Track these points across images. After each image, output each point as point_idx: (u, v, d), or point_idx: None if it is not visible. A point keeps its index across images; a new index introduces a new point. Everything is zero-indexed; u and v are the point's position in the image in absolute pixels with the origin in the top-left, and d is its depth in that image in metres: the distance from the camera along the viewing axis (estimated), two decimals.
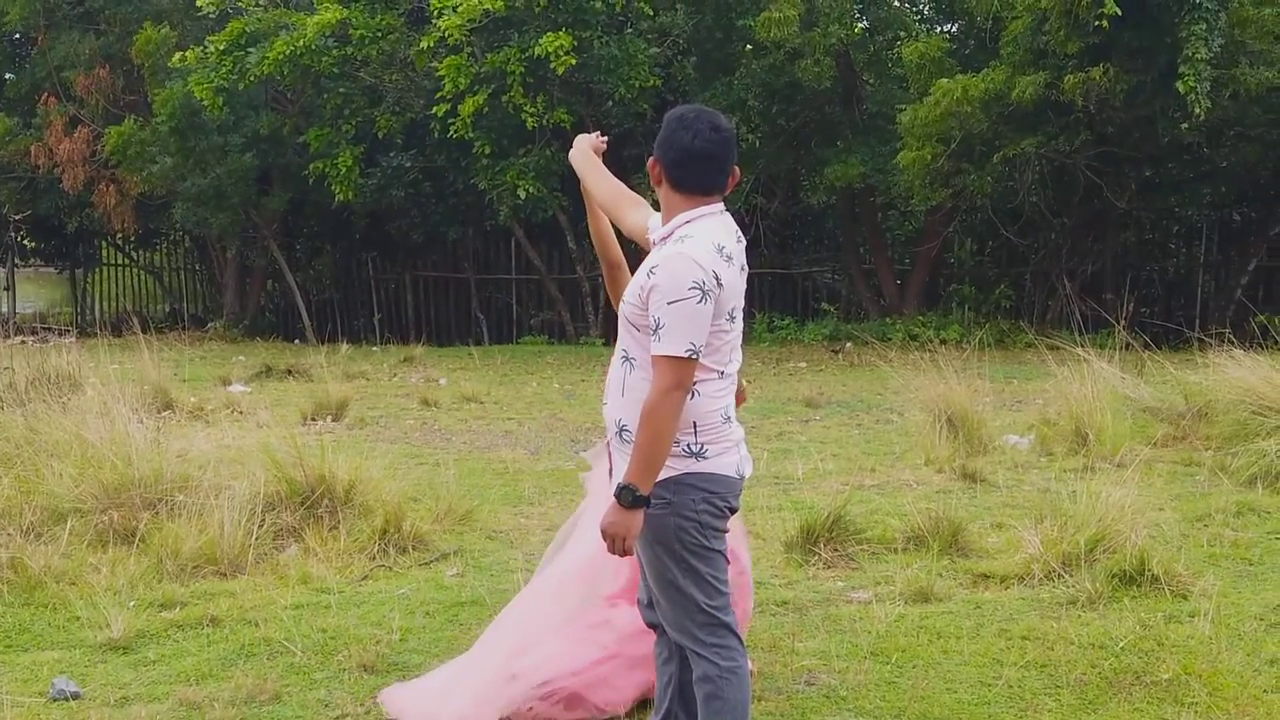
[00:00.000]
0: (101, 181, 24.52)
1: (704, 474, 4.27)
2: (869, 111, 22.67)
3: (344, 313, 27.61)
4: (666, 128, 4.32)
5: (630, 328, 4.30)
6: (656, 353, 4.11)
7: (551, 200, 21.55)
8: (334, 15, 20.59)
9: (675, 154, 4.29)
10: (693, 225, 4.26)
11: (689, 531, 4.26)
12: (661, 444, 4.11)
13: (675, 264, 4.13)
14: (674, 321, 4.09)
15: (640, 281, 4.24)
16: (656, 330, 4.11)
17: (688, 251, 4.14)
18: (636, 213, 4.73)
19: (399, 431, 12.82)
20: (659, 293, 4.12)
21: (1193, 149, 21.21)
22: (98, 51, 24.85)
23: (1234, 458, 9.68)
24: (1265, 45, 18.50)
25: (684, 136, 4.27)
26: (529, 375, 18.08)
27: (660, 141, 4.33)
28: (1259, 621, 6.37)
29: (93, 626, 6.37)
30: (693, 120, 4.29)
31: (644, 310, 4.19)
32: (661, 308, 4.10)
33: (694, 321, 4.10)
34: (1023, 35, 19.06)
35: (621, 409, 4.32)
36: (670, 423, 4.11)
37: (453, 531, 8.35)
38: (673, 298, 4.09)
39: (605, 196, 4.84)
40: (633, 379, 4.29)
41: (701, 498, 4.26)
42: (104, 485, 7.90)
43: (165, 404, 12.70)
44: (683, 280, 4.10)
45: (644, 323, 4.21)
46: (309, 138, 22.88)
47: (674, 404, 4.11)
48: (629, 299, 4.29)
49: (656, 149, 4.33)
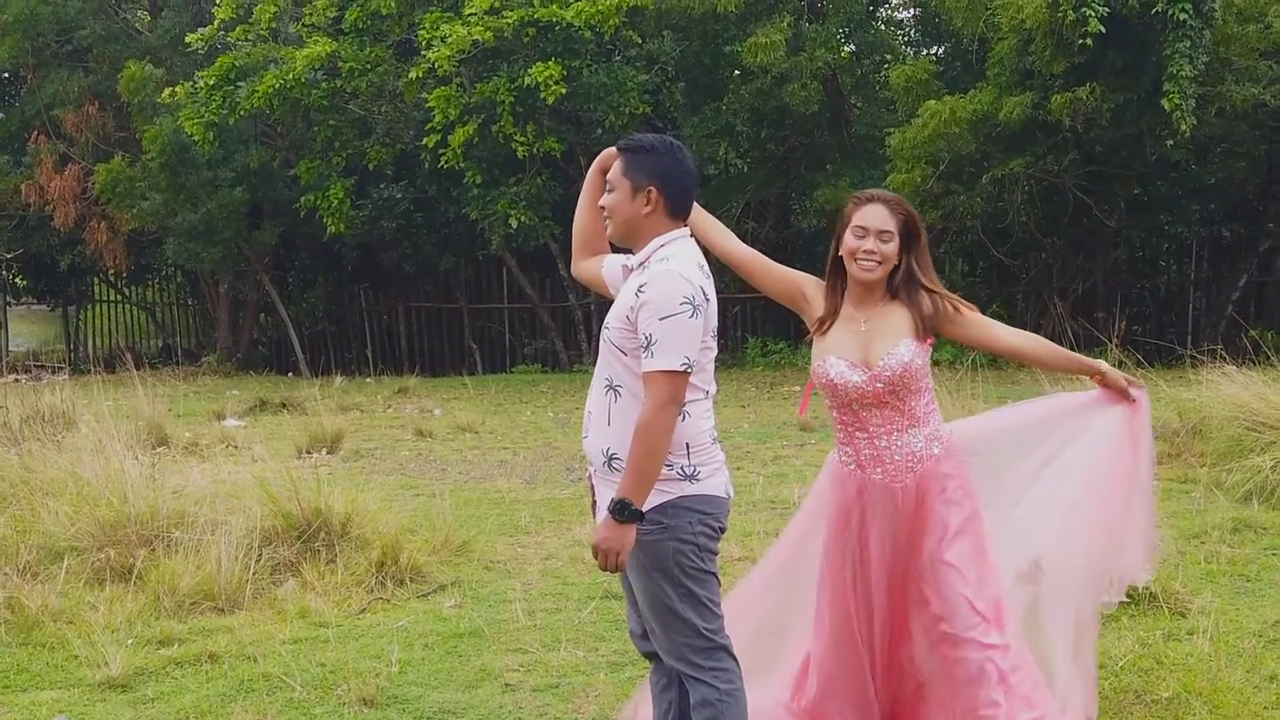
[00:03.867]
0: (93, 218, 24.59)
1: (699, 496, 4.31)
2: (857, 134, 22.76)
3: (337, 345, 27.63)
4: (662, 160, 4.39)
5: (616, 353, 4.32)
6: (650, 369, 4.15)
7: (543, 228, 21.59)
8: (323, 48, 20.65)
9: (683, 183, 4.42)
10: (672, 247, 4.34)
11: (687, 555, 4.29)
12: (657, 459, 4.15)
13: (664, 280, 4.19)
14: (667, 336, 4.14)
15: (627, 302, 4.27)
16: (649, 347, 4.15)
17: (675, 269, 4.22)
18: (598, 260, 4.83)
19: (394, 463, 12.81)
20: (650, 309, 4.16)
21: (1181, 166, 21.27)
22: (87, 89, 24.94)
23: (1229, 474, 9.68)
24: (1250, 62, 18.58)
25: (682, 166, 4.41)
26: (523, 404, 18.09)
27: (659, 173, 4.37)
28: (1258, 638, 6.37)
29: (91, 665, 6.35)
30: (680, 150, 4.43)
31: (632, 331, 4.23)
32: (653, 324, 4.15)
33: (686, 336, 4.16)
34: (1009, 56, 19.14)
35: (609, 438, 4.34)
36: (666, 437, 4.15)
37: (450, 562, 8.33)
38: (664, 313, 4.15)
39: (591, 223, 4.85)
40: (619, 407, 4.32)
41: (697, 519, 4.30)
42: (100, 523, 7.89)
43: (160, 440, 12.70)
44: (673, 296, 4.16)
45: (631, 345, 4.24)
46: (299, 171, 22.92)
47: (669, 419, 4.15)
48: (613, 324, 4.32)
49: (654, 179, 4.37)
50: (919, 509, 4.82)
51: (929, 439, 4.84)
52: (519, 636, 6.80)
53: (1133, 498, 5.07)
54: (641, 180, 4.37)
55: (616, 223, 4.43)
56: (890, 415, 4.80)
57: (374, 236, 24.25)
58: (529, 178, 21.28)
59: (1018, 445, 5.13)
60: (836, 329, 4.88)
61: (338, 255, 26.42)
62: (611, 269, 4.69)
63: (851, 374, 4.77)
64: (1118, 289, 22.84)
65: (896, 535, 4.84)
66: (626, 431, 4.23)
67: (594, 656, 6.49)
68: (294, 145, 24.00)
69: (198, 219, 23.01)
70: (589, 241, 4.84)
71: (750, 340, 23.54)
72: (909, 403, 4.79)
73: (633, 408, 4.25)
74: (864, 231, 4.80)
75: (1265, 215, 22.54)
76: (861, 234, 4.81)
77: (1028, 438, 5.13)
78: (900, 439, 4.81)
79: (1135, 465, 5.05)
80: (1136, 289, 24.22)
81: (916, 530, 4.83)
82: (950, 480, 4.83)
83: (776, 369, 21.81)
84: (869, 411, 4.82)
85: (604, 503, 4.33)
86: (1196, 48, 17.32)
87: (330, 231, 22.66)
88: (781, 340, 23.57)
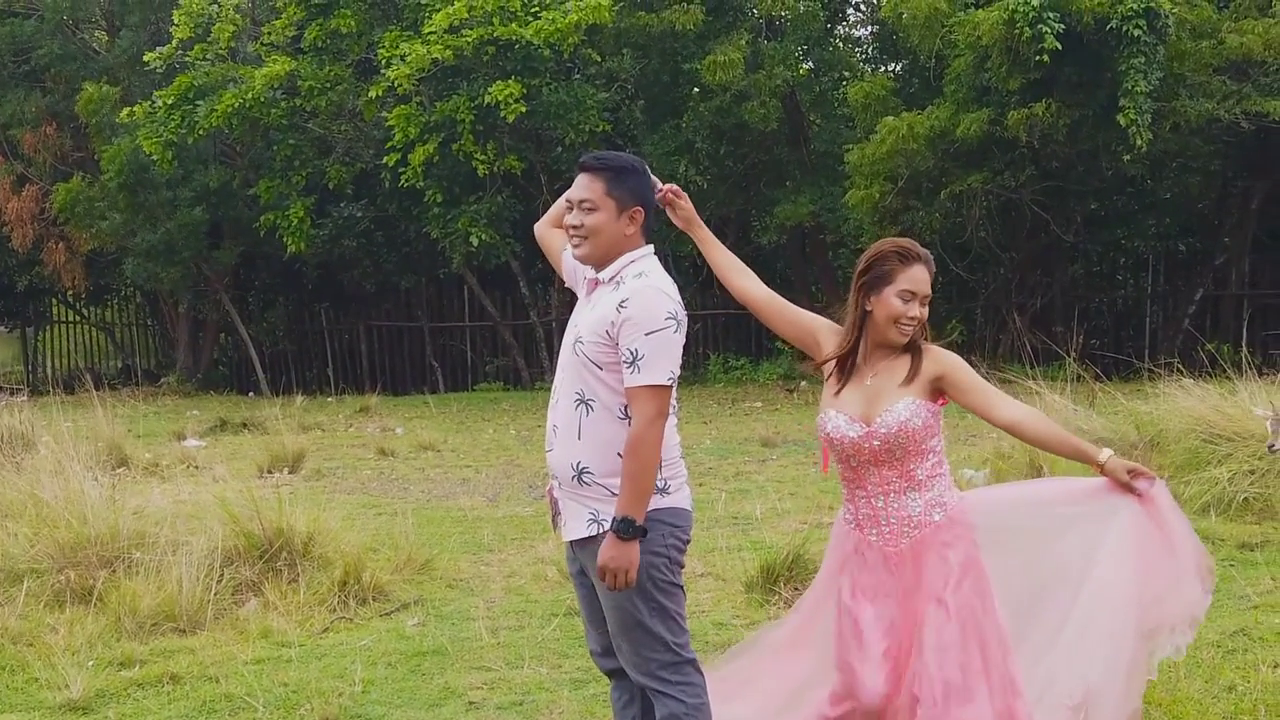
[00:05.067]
0: (51, 239, 24.46)
1: (670, 509, 4.36)
2: (816, 151, 22.87)
3: (298, 364, 27.53)
4: (642, 180, 4.44)
5: (590, 367, 4.33)
6: (637, 384, 4.20)
7: (504, 247, 21.59)
8: (282, 67, 20.61)
9: (654, 203, 4.52)
10: (643, 263, 4.39)
11: (659, 568, 4.32)
12: (651, 473, 4.21)
13: (648, 296, 4.24)
14: (653, 351, 4.19)
15: (607, 318, 4.28)
16: (634, 362, 4.20)
17: (656, 284, 4.28)
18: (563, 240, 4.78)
19: (356, 482, 12.78)
20: (634, 325, 4.21)
21: (1137, 181, 21.45)
22: (44, 109, 24.79)
23: (1186, 486, 9.75)
24: (1203, 77, 18.75)
25: (651, 186, 4.50)
26: (485, 422, 18.07)
27: (641, 193, 4.43)
28: (1216, 648, 6.43)
29: (52, 687, 6.31)
30: (646, 169, 4.50)
31: (610, 346, 4.26)
32: (638, 339, 4.20)
33: (671, 350, 4.23)
34: (965, 73, 19.27)
35: (579, 452, 4.34)
36: (657, 451, 4.22)
37: (413, 581, 8.32)
38: (650, 328, 4.20)
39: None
40: (591, 421, 4.33)
41: (669, 531, 4.34)
42: (60, 544, 7.83)
43: (120, 461, 12.62)
44: (658, 311, 4.22)
45: (608, 359, 4.27)
46: (259, 190, 22.85)
47: (660, 432, 4.21)
48: (588, 338, 4.33)
49: (639, 199, 4.41)
50: (915, 574, 4.62)
51: (930, 504, 4.63)
52: (482, 654, 6.80)
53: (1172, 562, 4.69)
54: (628, 201, 4.39)
55: (598, 243, 4.39)
56: (888, 475, 4.63)
57: (334, 255, 24.20)
58: (489, 196, 21.29)
59: (1030, 531, 4.77)
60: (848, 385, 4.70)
61: (298, 274, 26.35)
62: (571, 263, 4.69)
63: (849, 429, 4.61)
64: (1075, 303, 22.98)
65: (890, 592, 4.66)
66: (598, 445, 4.28)
67: (557, 674, 6.50)
68: (253, 164, 23.92)
69: (157, 239, 22.91)
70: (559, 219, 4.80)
71: (712, 357, 23.60)
72: (908, 464, 4.61)
73: (605, 421, 4.29)
74: (911, 296, 4.62)
75: (1220, 230, 22.76)
76: (909, 298, 4.62)
77: (1042, 525, 4.76)
78: (897, 501, 4.64)
79: (1170, 550, 4.68)
80: (1094, 303, 24.40)
81: (911, 585, 4.63)
82: (949, 550, 4.61)
83: (738, 385, 21.86)
84: (867, 470, 4.65)
85: (570, 516, 4.35)
86: (1151, 64, 17.49)
87: (290, 250, 22.59)
88: (743, 356, 23.65)
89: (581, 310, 4.49)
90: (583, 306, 4.50)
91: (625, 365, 4.22)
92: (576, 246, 4.44)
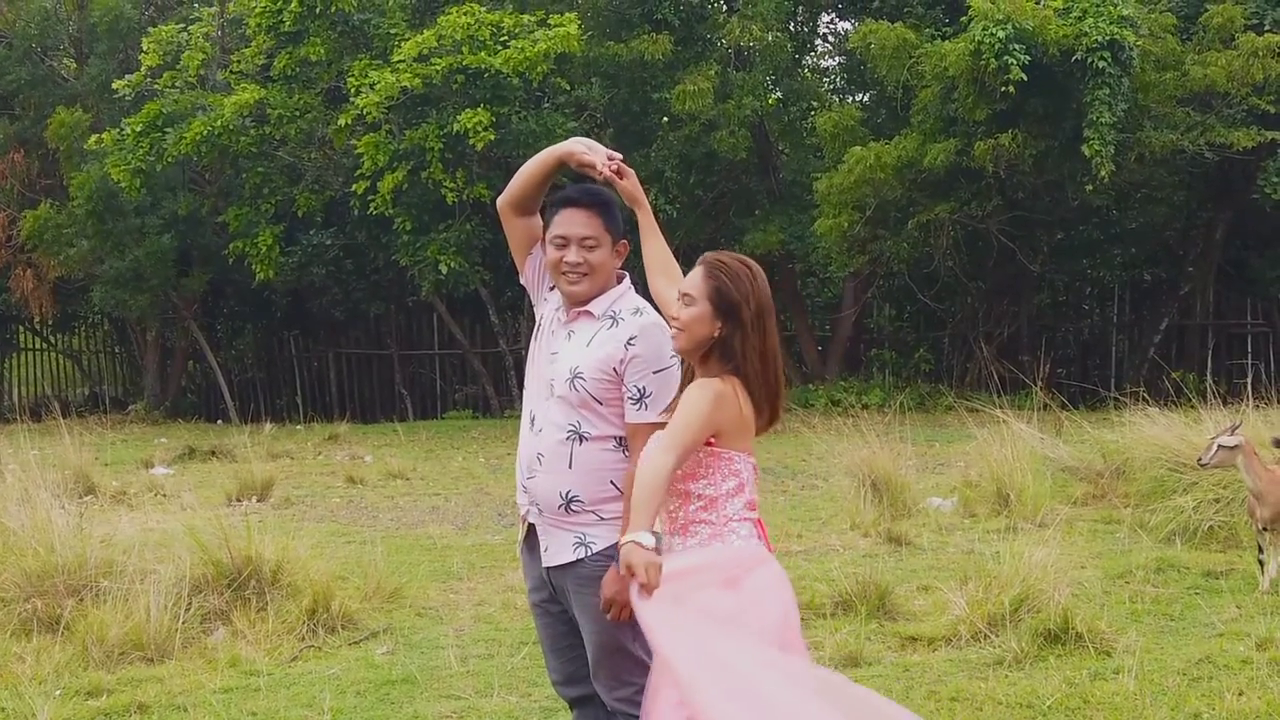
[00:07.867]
0: (18, 266, 24.32)
1: None
2: (785, 180, 23.00)
3: (267, 392, 27.43)
4: (621, 213, 4.52)
5: (592, 403, 4.36)
6: (642, 420, 4.27)
7: (473, 275, 21.58)
8: (251, 95, 20.61)
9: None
10: (633, 298, 4.46)
11: None
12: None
13: (654, 334, 4.32)
14: (660, 389, 4.29)
15: (615, 355, 4.32)
16: (641, 399, 4.28)
17: (657, 321, 4.36)
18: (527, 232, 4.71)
19: (325, 510, 12.75)
20: (643, 362, 4.29)
21: (1102, 211, 21.62)
22: (12, 136, 24.71)
23: (1152, 514, 9.84)
24: (1168, 109, 18.95)
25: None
26: (454, 450, 18.05)
27: (622, 226, 4.50)
28: (1181, 676, 6.47)
29: (19, 717, 6.26)
30: None
31: (614, 382, 4.31)
32: (647, 377, 4.28)
33: (673, 386, 4.29)
34: (933, 104, 19.43)
35: (569, 481, 4.37)
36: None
37: (382, 609, 8.31)
38: (658, 366, 4.30)
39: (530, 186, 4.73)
40: (583, 451, 4.36)
41: None
42: (26, 573, 7.80)
43: (87, 489, 12.57)
44: (665, 349, 4.30)
45: (611, 395, 4.33)
46: (228, 217, 22.79)
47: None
48: (590, 374, 4.34)
49: (622, 233, 4.49)
50: None
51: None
52: (452, 683, 6.79)
53: None
54: (618, 234, 4.48)
55: (598, 280, 4.42)
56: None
57: (303, 283, 24.17)
58: (458, 224, 21.27)
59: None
60: None
61: (267, 302, 26.29)
62: (536, 267, 4.66)
63: None
64: (1042, 332, 23.14)
65: None
66: (589, 473, 4.33)
67: (527, 702, 6.50)
68: (222, 192, 23.87)
69: (125, 266, 22.83)
70: (524, 203, 4.73)
71: None
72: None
73: (597, 451, 4.35)
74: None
75: (1185, 260, 22.95)
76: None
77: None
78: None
79: None
80: (1060, 332, 24.58)
81: None
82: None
83: None
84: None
85: (553, 543, 4.40)
86: (1116, 95, 17.67)
87: (259, 278, 22.53)
88: None
89: (558, 340, 4.48)
90: (559, 337, 4.49)
91: (631, 401, 4.29)
92: (574, 284, 4.41)
